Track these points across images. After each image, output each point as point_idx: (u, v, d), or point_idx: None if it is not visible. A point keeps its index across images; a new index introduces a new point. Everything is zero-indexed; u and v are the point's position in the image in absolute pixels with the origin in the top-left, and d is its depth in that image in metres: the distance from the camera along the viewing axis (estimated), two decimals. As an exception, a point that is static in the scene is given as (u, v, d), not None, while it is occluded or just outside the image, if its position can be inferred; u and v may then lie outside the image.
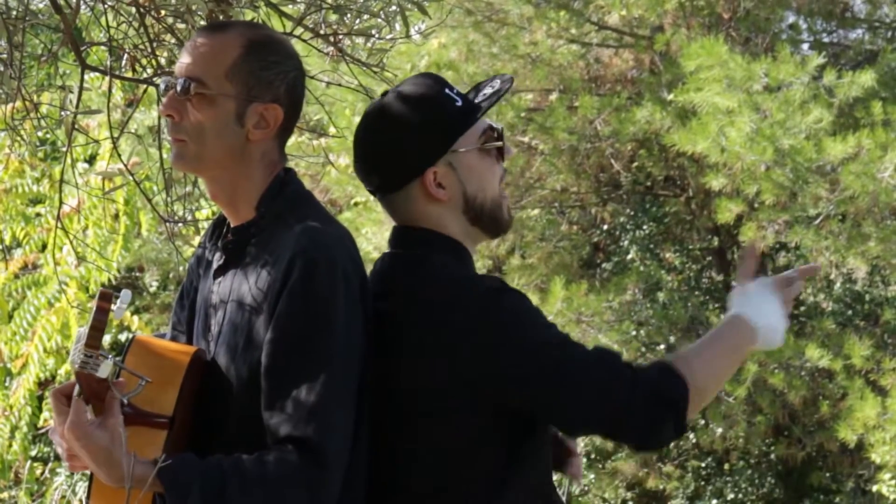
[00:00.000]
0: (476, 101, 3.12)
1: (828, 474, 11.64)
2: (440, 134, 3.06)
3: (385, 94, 3.11)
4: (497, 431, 2.96)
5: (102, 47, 4.30)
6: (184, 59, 2.98)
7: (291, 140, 3.15)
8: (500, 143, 3.11)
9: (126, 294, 2.77)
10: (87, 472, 2.91)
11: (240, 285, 2.96)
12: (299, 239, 2.87)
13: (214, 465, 2.81)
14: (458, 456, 2.96)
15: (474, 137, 3.09)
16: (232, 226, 3.03)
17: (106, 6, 4.04)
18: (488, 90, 3.15)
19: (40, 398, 11.16)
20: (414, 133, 3.05)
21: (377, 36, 3.94)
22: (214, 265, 3.05)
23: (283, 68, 2.98)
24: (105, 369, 2.73)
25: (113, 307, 2.75)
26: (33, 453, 12.65)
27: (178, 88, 2.95)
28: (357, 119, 11.87)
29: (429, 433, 2.97)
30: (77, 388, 2.79)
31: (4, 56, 3.93)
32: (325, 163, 9.71)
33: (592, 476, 12.33)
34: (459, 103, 3.07)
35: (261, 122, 2.96)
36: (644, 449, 3.05)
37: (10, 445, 10.84)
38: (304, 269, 2.84)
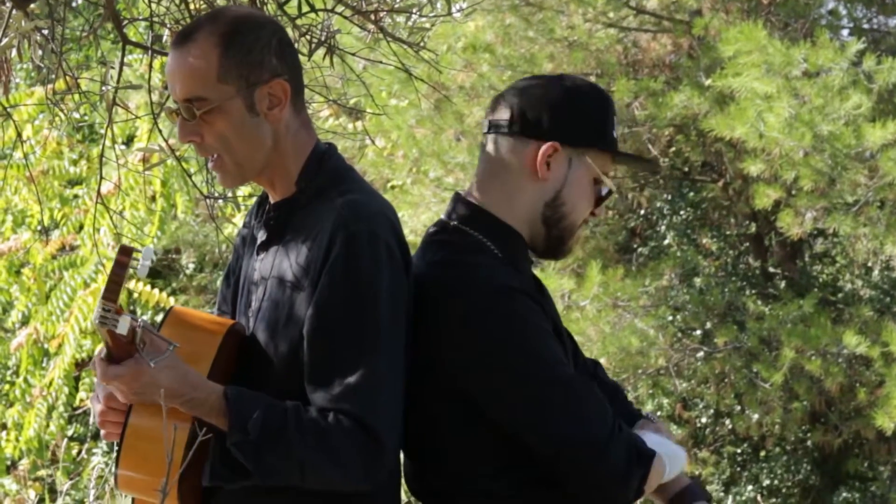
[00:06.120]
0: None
1: (864, 462, 11.57)
2: (591, 127, 3.04)
3: None
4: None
5: (143, 24, 4.29)
6: (173, 84, 2.93)
7: (328, 122, 3.13)
8: (612, 188, 3.06)
9: (148, 250, 2.72)
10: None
11: (281, 261, 2.95)
12: (340, 213, 2.86)
13: (278, 402, 2.81)
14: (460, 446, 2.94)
15: (599, 164, 3.04)
16: (272, 202, 3.03)
17: (147, -18, 4.04)
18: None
19: (76, 378, 11.21)
20: (574, 106, 3.01)
21: (418, 14, 3.93)
22: (258, 241, 3.05)
23: (263, 41, 2.92)
24: (124, 325, 2.68)
25: (135, 263, 2.70)
26: (70, 433, 12.70)
27: (184, 114, 2.92)
28: (394, 102, 11.74)
29: (438, 414, 2.95)
30: (105, 350, 2.78)
31: (46, 31, 3.94)
32: (363, 145, 9.70)
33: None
34: (616, 133, 3.06)
35: (272, 101, 2.93)
36: (605, 495, 2.91)
37: (47, 425, 10.90)
38: (346, 243, 2.82)
